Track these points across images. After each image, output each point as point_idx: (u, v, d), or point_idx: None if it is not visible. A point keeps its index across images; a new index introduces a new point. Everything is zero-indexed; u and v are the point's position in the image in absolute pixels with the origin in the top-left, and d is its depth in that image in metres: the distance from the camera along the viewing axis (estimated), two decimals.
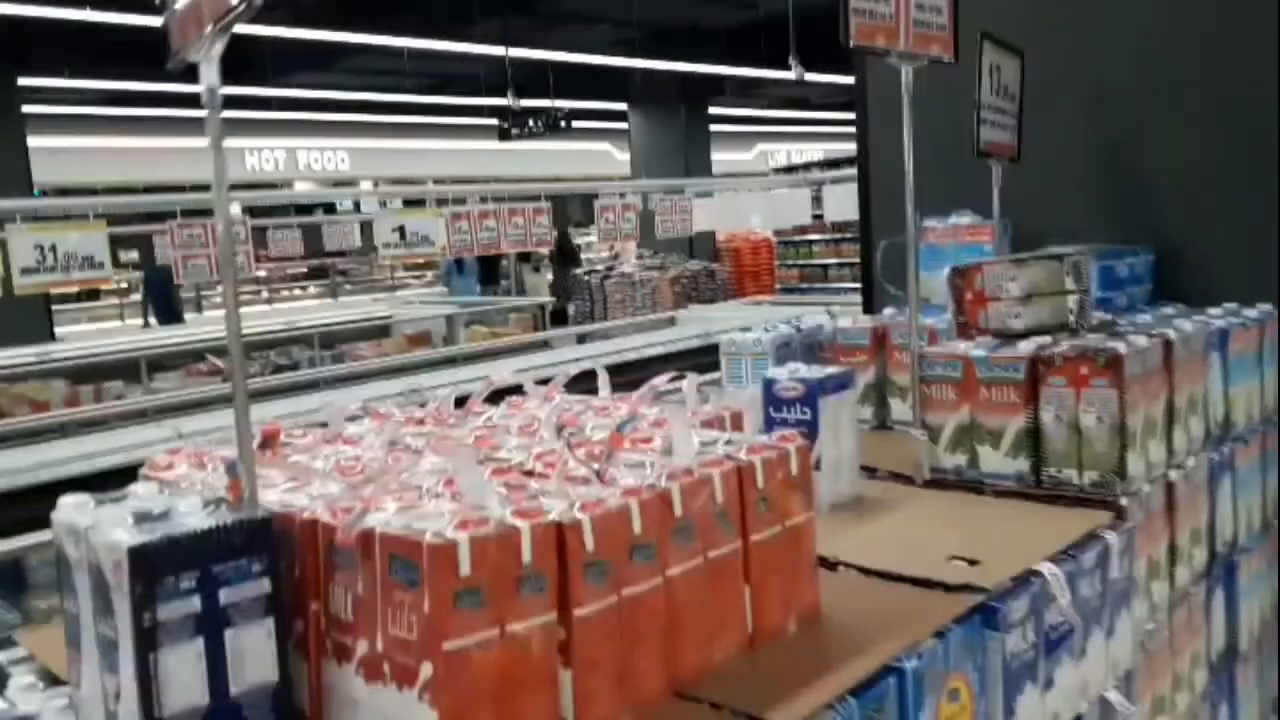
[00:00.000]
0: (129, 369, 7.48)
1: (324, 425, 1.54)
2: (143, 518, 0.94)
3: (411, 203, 11.84)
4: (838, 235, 11.00)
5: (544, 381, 1.68)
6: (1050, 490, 1.63)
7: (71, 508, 1.02)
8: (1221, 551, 1.88)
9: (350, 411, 1.58)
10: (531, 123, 11.26)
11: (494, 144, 15.10)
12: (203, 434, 4.31)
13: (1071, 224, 2.41)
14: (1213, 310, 2.07)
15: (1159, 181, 2.35)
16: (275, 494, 1.12)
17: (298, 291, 17.67)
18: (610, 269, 13.74)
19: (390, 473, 1.21)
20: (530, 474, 1.18)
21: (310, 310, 12.67)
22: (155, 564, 0.87)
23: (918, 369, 1.75)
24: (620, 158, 19.70)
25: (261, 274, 15.50)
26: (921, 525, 1.59)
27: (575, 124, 13.42)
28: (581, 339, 9.21)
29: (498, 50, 10.56)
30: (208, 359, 8.01)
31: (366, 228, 9.92)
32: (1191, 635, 1.80)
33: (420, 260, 10.58)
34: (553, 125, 11.32)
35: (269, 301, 16.37)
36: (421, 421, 1.57)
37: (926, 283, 2.50)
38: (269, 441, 1.42)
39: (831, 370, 1.65)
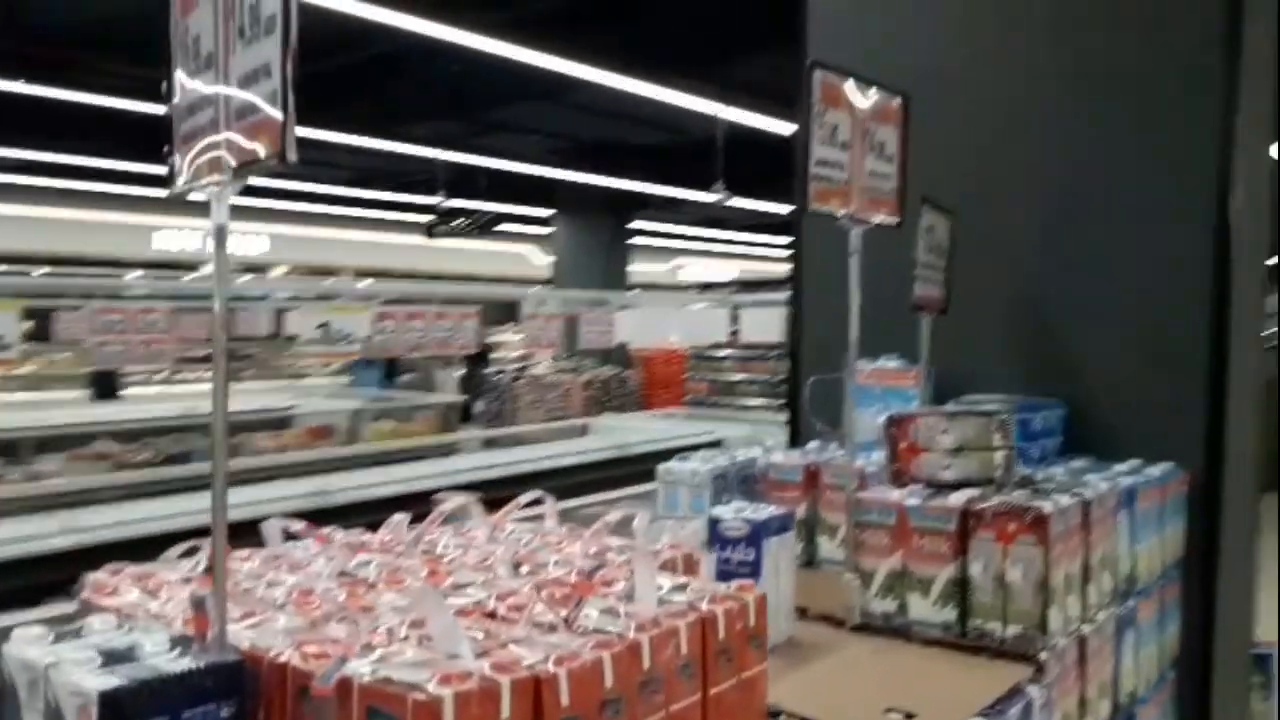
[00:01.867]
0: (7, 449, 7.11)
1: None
2: (110, 658, 0.92)
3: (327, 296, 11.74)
4: (748, 354, 11.28)
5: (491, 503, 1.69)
6: (974, 641, 1.70)
7: (25, 641, 0.99)
8: (1123, 704, 1.97)
9: (289, 529, 1.57)
10: (459, 222, 11.36)
11: (415, 239, 15.15)
12: (90, 529, 4.09)
13: (990, 375, 2.55)
14: (1119, 465, 2.21)
15: (1071, 340, 2.51)
16: (233, 628, 1.10)
17: (190, 376, 17.10)
18: (522, 369, 13.74)
19: (351, 609, 1.20)
20: (493, 615, 1.19)
21: (208, 396, 12.23)
22: (126, 710, 0.86)
23: (852, 513, 1.82)
24: (538, 261, 19.93)
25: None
26: (855, 673, 1.63)
27: (501, 227, 13.61)
28: (490, 442, 9.13)
29: (429, 152, 10.71)
30: (95, 443, 7.63)
31: (279, 315, 9.72)
32: None
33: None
34: (483, 227, 11.44)
35: (166, 383, 15.81)
36: (366, 546, 1.56)
37: (853, 419, 2.62)
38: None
39: (774, 511, 1.71)
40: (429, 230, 12.02)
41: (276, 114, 0.91)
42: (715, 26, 7.78)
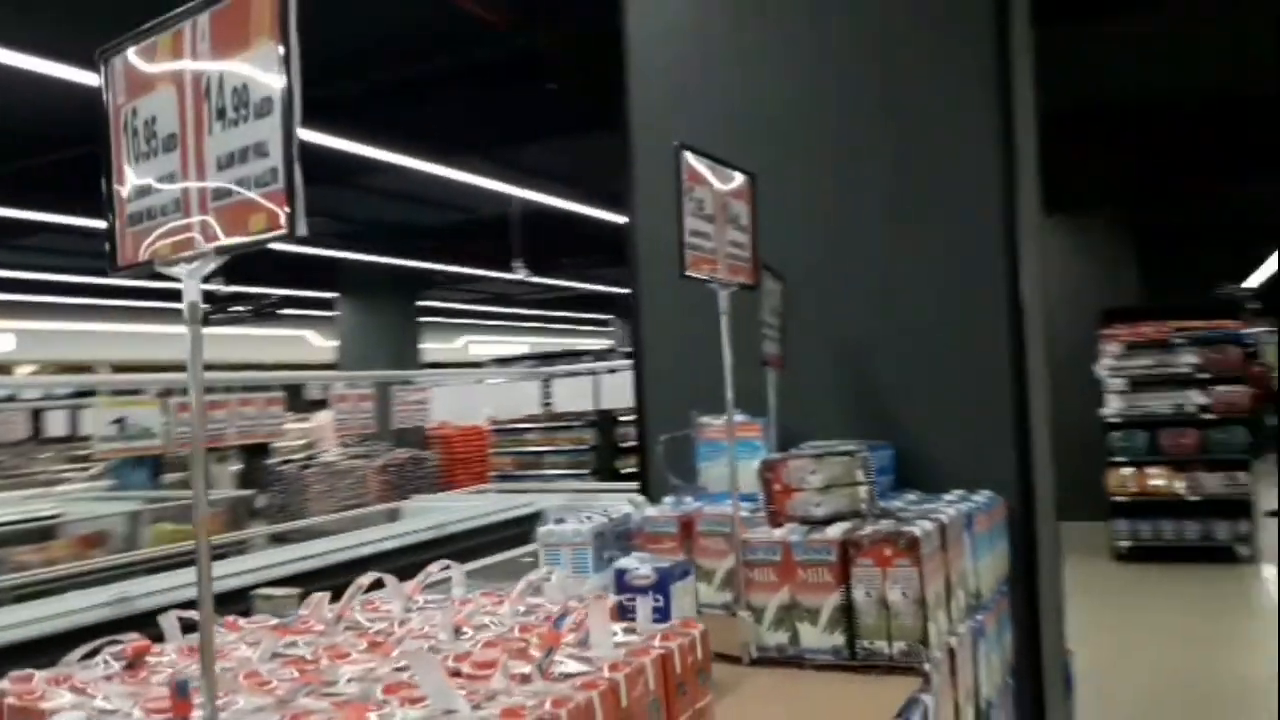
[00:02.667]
0: None
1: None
2: None
3: (86, 392, 10.82)
4: (552, 425, 11.36)
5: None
6: (864, 661, 1.84)
7: None
8: (983, 709, 2.18)
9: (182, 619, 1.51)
10: (239, 308, 10.84)
11: (175, 328, 14.29)
12: None
13: (825, 424, 2.77)
14: (947, 496, 2.45)
15: (895, 390, 2.78)
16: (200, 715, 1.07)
17: None
18: (310, 458, 13.13)
19: (312, 683, 1.19)
20: (458, 675, 1.21)
21: None
22: None
23: (740, 554, 1.94)
24: (318, 344, 19.26)
25: None
26: (765, 704, 1.74)
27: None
28: (280, 537, 8.67)
29: None
30: None
31: (36, 417, 8.88)
32: None
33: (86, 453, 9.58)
34: (263, 312, 10.96)
35: None
36: (286, 628, 1.53)
37: (706, 472, 2.76)
38: (138, 659, 1.34)
39: (675, 559, 1.80)
40: (204, 318, 11.39)
41: (277, 191, 0.93)
42: (503, 113, 7.98)
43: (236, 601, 4.82)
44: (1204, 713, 4.78)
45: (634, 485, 3.14)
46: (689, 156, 1.85)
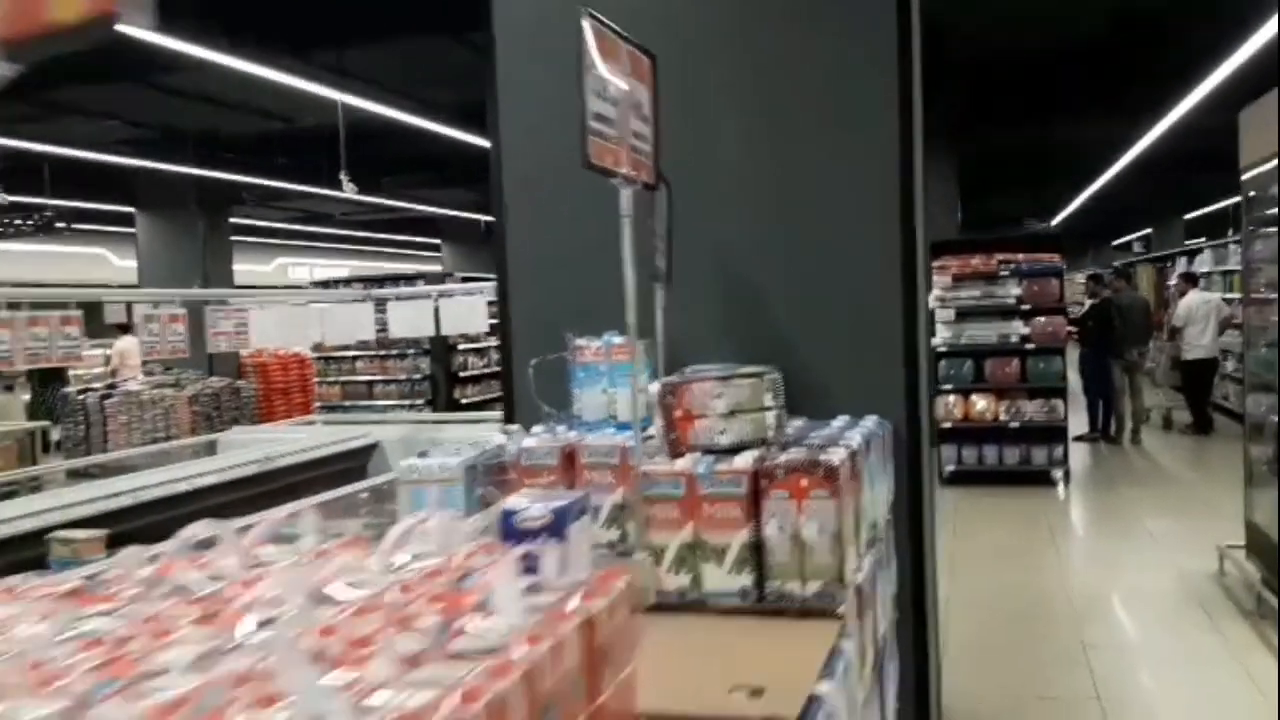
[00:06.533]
0: None
1: None
2: None
3: None
4: (382, 352, 10.79)
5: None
6: (774, 605, 1.66)
7: None
8: (880, 647, 2.06)
9: None
10: (20, 221, 9.63)
11: None
12: None
13: (708, 345, 2.57)
14: (835, 422, 2.31)
15: (782, 313, 2.60)
16: None
17: None
18: (112, 387, 12.03)
19: (124, 676, 0.88)
20: (325, 657, 0.93)
21: None
22: None
23: (639, 488, 1.72)
24: (119, 264, 17.67)
25: None
26: (679, 657, 1.52)
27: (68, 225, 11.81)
28: (81, 472, 7.89)
29: None
30: None
31: None
32: None
33: None
34: (45, 226, 9.78)
35: None
36: (84, 594, 1.19)
37: (580, 398, 2.51)
38: None
39: (571, 495, 1.55)
40: None
41: None
42: (327, 8, 7.28)
43: (31, 545, 4.25)
44: (1030, 623, 4.99)
45: (482, 416, 2.89)
46: (589, 27, 1.56)
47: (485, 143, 2.81)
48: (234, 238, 15.99)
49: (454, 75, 7.61)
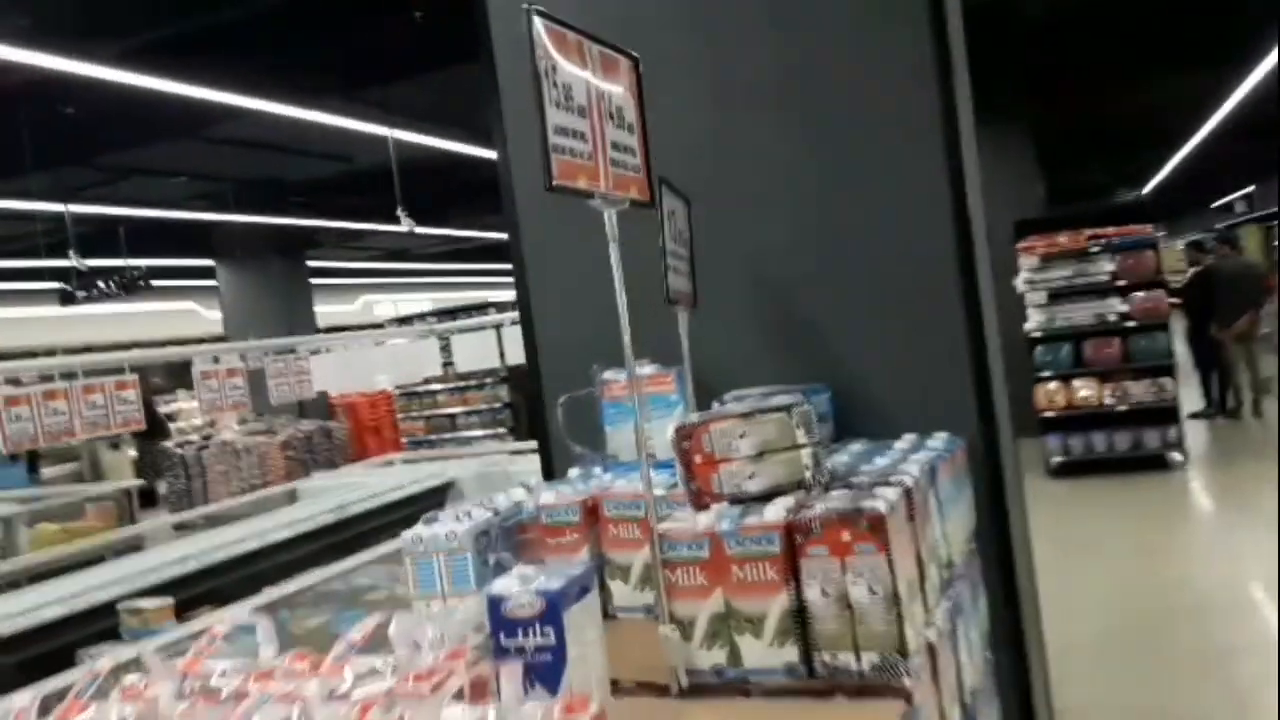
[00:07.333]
0: None
1: None
2: None
3: None
4: (462, 384, 10.76)
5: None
6: (827, 682, 1.41)
7: None
8: (968, 703, 1.78)
9: None
10: (102, 284, 9.88)
11: (54, 310, 13.20)
12: None
13: (750, 367, 2.33)
14: (898, 444, 2.04)
15: (826, 324, 2.35)
16: None
17: None
18: (207, 438, 12.29)
19: None
20: None
21: None
22: None
23: (659, 551, 1.49)
24: (209, 315, 18.20)
25: None
26: None
27: (155, 283, 12.10)
28: (180, 526, 7.98)
29: (52, 207, 9.24)
30: None
31: None
32: None
33: None
34: (129, 286, 10.03)
35: None
36: None
37: (613, 437, 2.30)
38: None
39: (570, 571, 1.33)
40: (65, 298, 10.38)
41: None
42: (370, 49, 7.25)
43: (104, 616, 4.21)
44: (1164, 624, 4.57)
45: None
46: (540, 25, 1.34)
47: None
48: (315, 280, 16.28)
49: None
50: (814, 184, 2.35)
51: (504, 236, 2.68)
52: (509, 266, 2.69)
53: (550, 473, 2.54)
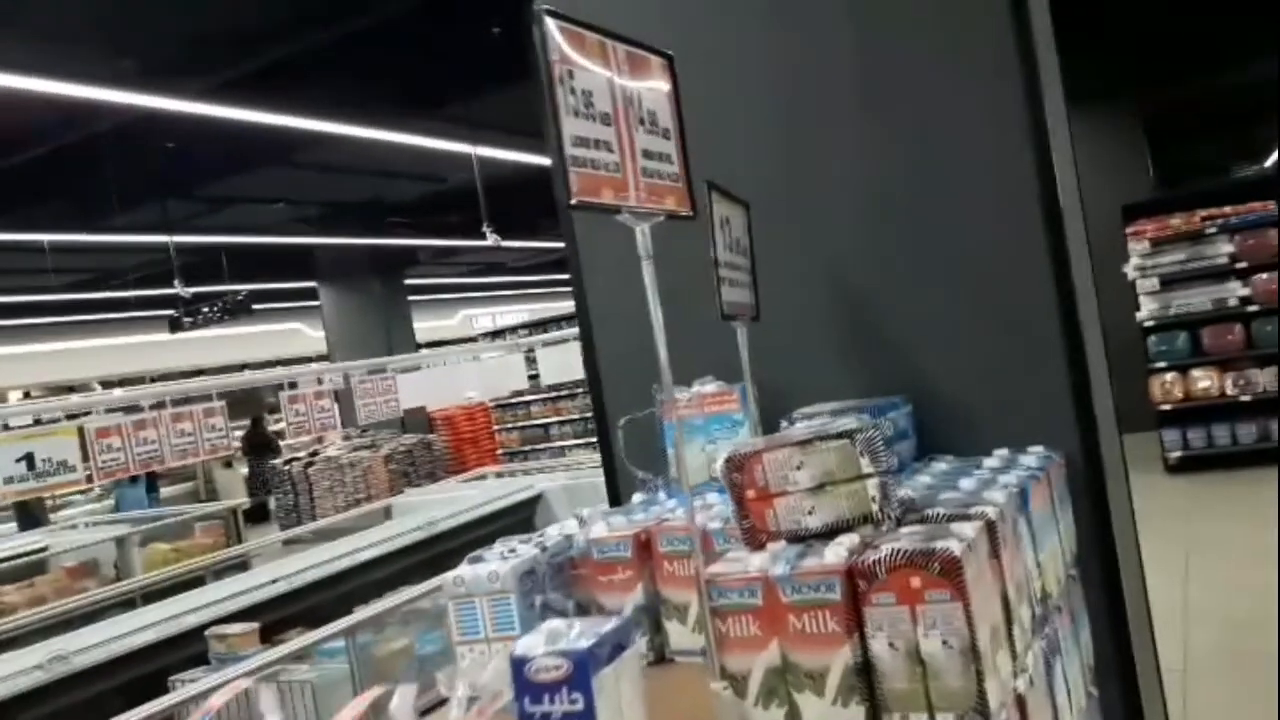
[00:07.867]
0: None
1: None
2: None
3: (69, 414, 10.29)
4: (554, 394, 10.78)
5: None
6: None
7: None
8: None
9: None
10: (207, 309, 10.24)
11: (165, 336, 13.76)
12: None
13: (823, 380, 2.18)
14: (989, 461, 1.86)
15: (903, 332, 2.17)
16: None
17: None
18: (314, 454, 12.62)
19: None
20: None
21: None
22: None
23: (707, 599, 1.35)
24: (313, 334, 18.74)
25: None
26: None
27: (260, 305, 12.49)
28: (287, 542, 8.16)
29: (157, 239, 9.60)
30: None
31: None
32: None
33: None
34: (232, 310, 10.37)
35: None
36: None
37: (676, 460, 2.17)
38: None
39: (604, 626, 1.21)
40: (173, 324, 10.81)
41: None
42: (450, 67, 7.28)
43: (195, 641, 4.30)
44: None
45: None
46: (553, 26, 1.22)
47: None
48: (414, 297, 16.60)
49: None
50: (888, 182, 2.18)
51: None
52: None
53: (616, 498, 2.43)
